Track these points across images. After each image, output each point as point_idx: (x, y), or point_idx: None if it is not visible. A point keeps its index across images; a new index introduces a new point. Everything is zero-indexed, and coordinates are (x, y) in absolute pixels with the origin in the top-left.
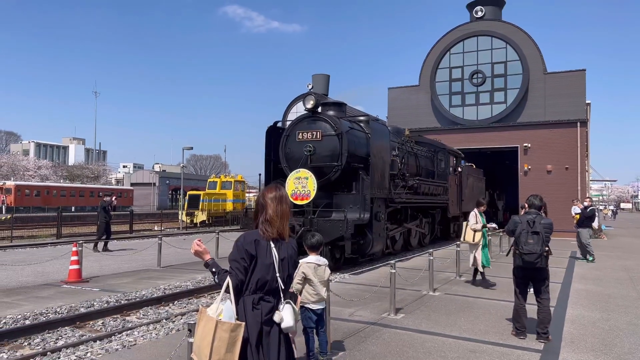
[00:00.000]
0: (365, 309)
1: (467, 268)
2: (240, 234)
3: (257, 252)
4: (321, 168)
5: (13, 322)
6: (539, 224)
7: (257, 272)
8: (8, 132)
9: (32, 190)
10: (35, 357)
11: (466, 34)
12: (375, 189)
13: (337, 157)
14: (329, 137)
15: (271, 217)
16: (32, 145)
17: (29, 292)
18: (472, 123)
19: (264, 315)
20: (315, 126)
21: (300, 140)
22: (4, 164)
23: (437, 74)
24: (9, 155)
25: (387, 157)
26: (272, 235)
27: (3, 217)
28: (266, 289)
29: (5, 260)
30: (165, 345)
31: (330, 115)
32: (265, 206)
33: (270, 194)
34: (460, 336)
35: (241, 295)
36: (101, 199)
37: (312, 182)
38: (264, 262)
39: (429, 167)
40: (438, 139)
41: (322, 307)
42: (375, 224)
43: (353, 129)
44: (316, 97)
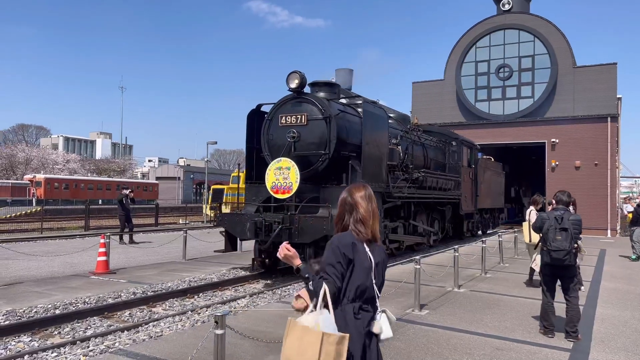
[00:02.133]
0: (389, 305)
1: (493, 265)
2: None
3: (354, 255)
4: (307, 157)
5: (44, 312)
6: (567, 220)
7: (356, 277)
8: (38, 126)
9: (61, 184)
10: (65, 346)
11: (493, 27)
12: (369, 181)
13: (325, 144)
14: (315, 122)
15: (364, 216)
16: (61, 140)
17: (58, 282)
18: (498, 118)
19: (365, 327)
20: (300, 109)
21: (283, 125)
22: (34, 157)
23: (462, 68)
24: (39, 149)
25: (384, 146)
26: (367, 236)
27: (31, 210)
28: (365, 296)
29: (36, 251)
30: (191, 336)
31: (319, 96)
32: (355, 205)
33: (359, 192)
34: (486, 333)
35: (339, 304)
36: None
37: (295, 172)
38: (363, 266)
39: (439, 159)
40: (463, 134)
41: None
42: None
43: (345, 112)
44: (301, 75)
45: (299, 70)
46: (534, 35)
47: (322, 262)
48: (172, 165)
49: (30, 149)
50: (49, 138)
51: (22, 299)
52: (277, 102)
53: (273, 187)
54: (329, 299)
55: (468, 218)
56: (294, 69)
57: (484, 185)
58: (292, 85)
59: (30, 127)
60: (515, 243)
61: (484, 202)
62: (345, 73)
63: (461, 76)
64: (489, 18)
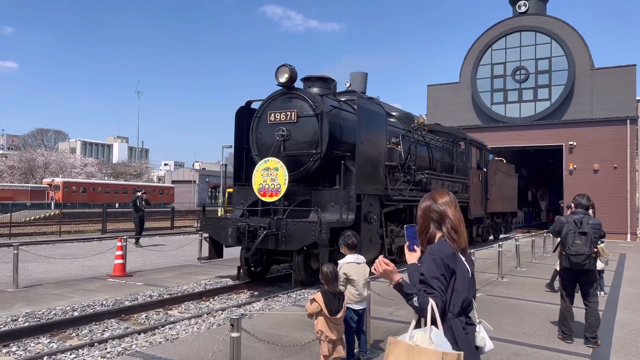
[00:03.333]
0: (405, 308)
1: (509, 269)
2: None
3: (455, 266)
4: (297, 157)
5: (62, 314)
6: (586, 224)
7: (460, 290)
8: (57, 130)
9: (79, 187)
10: (83, 348)
11: (509, 29)
12: (365, 183)
13: (317, 143)
14: (306, 119)
15: (455, 224)
16: (79, 144)
17: (77, 285)
18: (515, 121)
19: (473, 342)
20: (290, 105)
21: (272, 122)
22: (53, 161)
23: (478, 70)
24: (58, 153)
25: (382, 145)
26: (462, 245)
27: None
28: (469, 309)
29: (54, 253)
30: (207, 339)
31: (310, 92)
32: (444, 213)
33: (442, 198)
34: (503, 338)
35: (444, 320)
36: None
37: (283, 173)
38: (465, 277)
39: (446, 160)
40: (478, 137)
41: (363, 308)
42: (365, 226)
43: (341, 109)
44: (291, 68)
45: (288, 64)
46: (550, 37)
47: (424, 275)
48: (187, 169)
49: (49, 153)
50: (67, 142)
51: (41, 301)
52: (266, 98)
53: (260, 189)
54: (437, 315)
55: (478, 223)
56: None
57: (495, 188)
58: (282, 80)
59: (49, 132)
60: (532, 247)
61: (495, 206)
62: (360, 76)
63: (477, 79)
64: (505, 20)
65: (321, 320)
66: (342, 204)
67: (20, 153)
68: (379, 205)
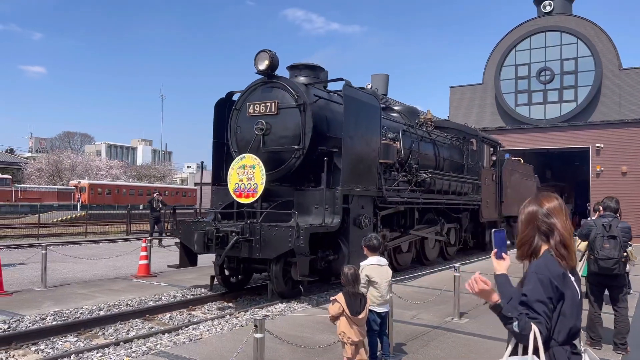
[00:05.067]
0: (427, 312)
1: None
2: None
3: (564, 289)
4: (278, 153)
5: (89, 313)
6: (615, 227)
7: (569, 315)
8: (82, 134)
9: (104, 189)
10: (109, 347)
11: (533, 29)
12: (354, 183)
13: (300, 137)
14: (287, 111)
15: (565, 238)
16: (104, 146)
17: (102, 285)
18: (540, 122)
19: None
20: (270, 96)
21: (251, 115)
22: (79, 164)
23: (502, 71)
24: (84, 155)
25: (375, 140)
26: (572, 263)
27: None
28: (575, 337)
29: (80, 254)
30: (230, 340)
31: (294, 81)
32: (553, 224)
33: (550, 203)
34: None
35: (547, 348)
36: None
37: (260, 172)
38: (574, 302)
39: (455, 159)
40: (502, 139)
41: (386, 310)
42: (355, 232)
43: (330, 101)
44: (272, 54)
45: (268, 49)
46: (576, 37)
47: (528, 297)
48: (210, 171)
49: (75, 156)
50: (92, 145)
51: (69, 300)
52: (245, 88)
53: (236, 189)
54: (540, 344)
55: (491, 227)
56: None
57: (510, 190)
58: (261, 67)
59: (75, 135)
60: None
61: (510, 209)
62: (381, 78)
63: (500, 80)
64: (529, 20)
65: (343, 321)
66: (326, 206)
67: (48, 156)
68: (373, 207)
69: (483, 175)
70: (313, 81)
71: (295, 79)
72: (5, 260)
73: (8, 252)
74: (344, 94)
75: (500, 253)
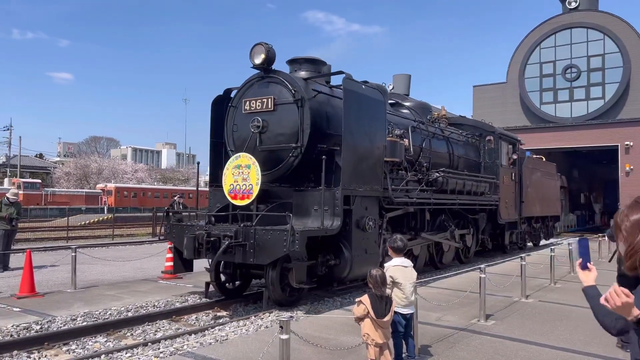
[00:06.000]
0: (452, 314)
1: (562, 274)
2: None
3: None
4: (275, 152)
5: (117, 314)
6: None
7: None
8: (108, 138)
9: (130, 192)
10: (137, 347)
11: (558, 26)
12: (356, 182)
13: (297, 135)
14: (285, 107)
15: None
16: (129, 150)
17: (130, 287)
18: (566, 121)
19: None
20: (266, 91)
21: (247, 112)
22: (105, 167)
23: (526, 70)
24: (110, 159)
25: (380, 137)
26: None
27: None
28: None
29: (107, 256)
30: (255, 340)
31: (292, 75)
32: None
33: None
34: (558, 346)
35: None
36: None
37: (256, 172)
38: None
39: (471, 157)
40: (527, 138)
41: (411, 312)
42: (358, 234)
43: (332, 96)
44: (268, 47)
45: (265, 42)
46: (603, 34)
47: None
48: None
49: (101, 160)
50: (118, 149)
51: (98, 301)
52: (242, 83)
53: (231, 190)
54: None
55: (511, 228)
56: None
57: (531, 189)
58: (257, 61)
59: (102, 139)
60: None
61: (531, 209)
62: (403, 78)
63: (525, 78)
64: (554, 17)
65: (368, 323)
66: (325, 207)
67: (75, 160)
68: (378, 209)
69: (501, 174)
70: (313, 75)
71: (296, 73)
72: (37, 263)
73: (39, 254)
74: (344, 88)
75: (585, 263)
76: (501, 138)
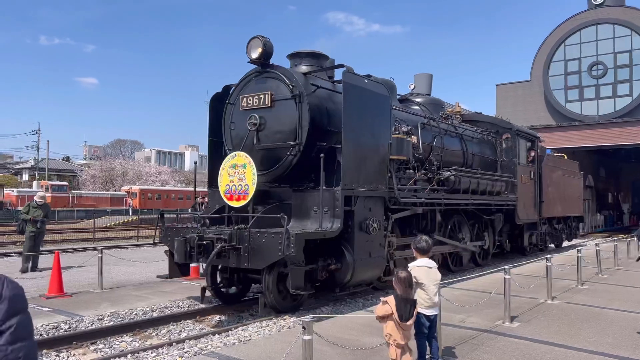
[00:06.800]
0: (476, 316)
1: (590, 276)
2: None
3: None
4: (273, 150)
5: (143, 314)
6: None
7: None
8: (133, 141)
9: (154, 194)
10: (163, 347)
11: (583, 23)
12: (359, 182)
13: (296, 132)
14: (282, 103)
15: None
16: (153, 153)
17: (155, 287)
18: (592, 119)
19: None
20: (264, 87)
21: (244, 109)
22: (130, 170)
23: (550, 67)
24: (134, 162)
25: (385, 134)
26: None
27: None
28: None
29: (133, 257)
30: (279, 341)
31: (289, 70)
32: None
33: None
34: (586, 349)
35: None
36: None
37: (251, 171)
38: None
39: (486, 155)
40: (552, 137)
41: (435, 313)
42: (361, 237)
43: (334, 91)
44: (265, 40)
45: (262, 35)
46: (631, 29)
47: None
48: None
49: (126, 162)
50: (142, 152)
51: (124, 301)
52: (240, 79)
53: (227, 191)
54: None
55: (530, 229)
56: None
57: (552, 188)
58: (254, 55)
59: (126, 142)
60: (615, 252)
61: (552, 209)
62: (425, 78)
63: (549, 76)
64: (579, 14)
65: (390, 324)
66: (324, 208)
67: (101, 163)
68: (383, 210)
69: (519, 173)
70: (313, 70)
71: (296, 68)
72: (64, 264)
73: (67, 255)
74: (343, 81)
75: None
76: (519, 135)
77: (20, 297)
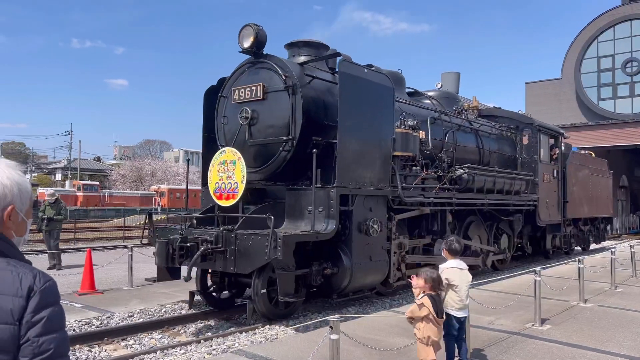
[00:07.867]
0: (506, 318)
1: (624, 278)
2: None
3: None
4: (266, 146)
5: (172, 311)
6: None
7: None
8: (161, 141)
9: (182, 194)
10: (191, 344)
11: (617, 18)
12: (356, 180)
13: (289, 126)
14: (275, 95)
15: None
16: (181, 153)
17: (182, 285)
18: (626, 117)
19: None
20: (256, 78)
21: (236, 102)
22: (158, 170)
23: (582, 65)
24: (163, 162)
25: (387, 128)
26: None
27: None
28: None
29: None
30: (305, 340)
31: (283, 59)
32: None
33: None
34: (620, 353)
35: None
36: None
37: (241, 168)
38: None
39: (505, 152)
40: (584, 136)
41: (465, 315)
42: (360, 239)
43: (330, 82)
44: (257, 29)
45: (254, 23)
46: None
47: None
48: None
49: (155, 163)
50: (171, 152)
51: (153, 299)
52: (232, 71)
53: (216, 189)
54: None
55: (553, 231)
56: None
57: (577, 188)
58: (246, 45)
59: (155, 142)
60: None
61: (577, 210)
62: (452, 76)
63: (581, 74)
64: (612, 9)
65: (428, 326)
66: (319, 208)
67: (130, 163)
68: (386, 210)
69: (541, 171)
70: (310, 59)
71: (294, 58)
72: (96, 261)
73: (98, 253)
74: (339, 71)
75: None
76: (540, 131)
77: (52, 290)
